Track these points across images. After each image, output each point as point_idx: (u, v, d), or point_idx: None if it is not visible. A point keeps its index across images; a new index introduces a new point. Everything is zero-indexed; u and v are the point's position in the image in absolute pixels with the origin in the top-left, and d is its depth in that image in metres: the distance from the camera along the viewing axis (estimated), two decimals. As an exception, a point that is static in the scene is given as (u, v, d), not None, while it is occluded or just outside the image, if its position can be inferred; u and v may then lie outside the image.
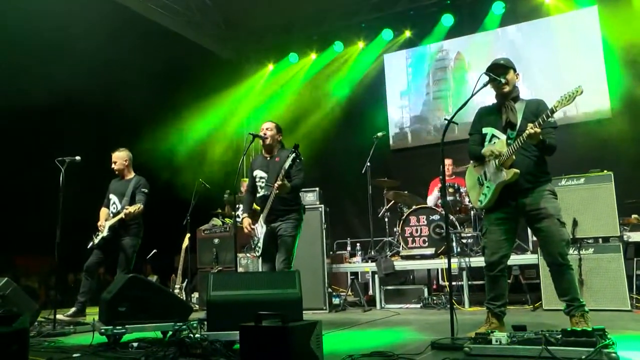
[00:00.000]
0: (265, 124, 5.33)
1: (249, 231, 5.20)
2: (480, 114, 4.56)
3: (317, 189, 7.58)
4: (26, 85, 7.83)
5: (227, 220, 8.82)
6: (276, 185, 4.82)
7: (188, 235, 8.37)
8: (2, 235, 7.51)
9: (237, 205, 8.64)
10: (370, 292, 7.99)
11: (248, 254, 7.67)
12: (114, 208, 6.38)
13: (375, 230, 8.22)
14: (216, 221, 8.84)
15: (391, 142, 10.94)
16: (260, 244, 5.10)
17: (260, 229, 5.12)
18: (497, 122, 4.37)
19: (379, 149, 8.38)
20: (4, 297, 4.78)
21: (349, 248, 8.80)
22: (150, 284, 5.04)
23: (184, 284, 8.26)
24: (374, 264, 7.52)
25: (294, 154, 4.75)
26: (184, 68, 9.97)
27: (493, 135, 4.39)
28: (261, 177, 5.24)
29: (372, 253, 8.01)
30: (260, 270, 5.49)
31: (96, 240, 6.26)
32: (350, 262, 8.21)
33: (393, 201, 8.51)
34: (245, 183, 7.75)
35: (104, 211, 6.49)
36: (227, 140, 11.56)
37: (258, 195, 5.21)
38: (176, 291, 8.01)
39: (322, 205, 7.38)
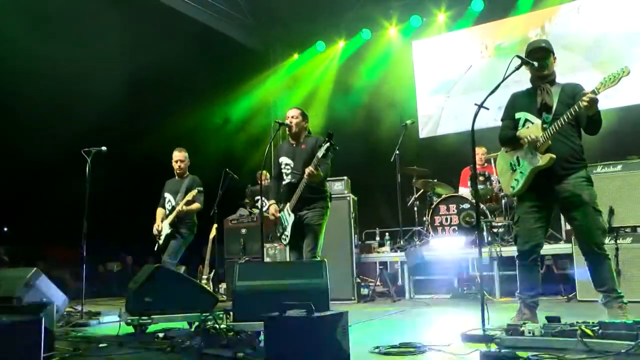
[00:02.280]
0: (290, 111, 5.29)
1: (275, 218, 5.18)
2: (514, 99, 4.43)
3: (345, 177, 7.54)
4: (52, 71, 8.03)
5: (254, 210, 8.89)
6: (307, 171, 4.78)
7: (215, 225, 8.42)
8: (32, 225, 7.63)
9: (256, 198, 8.76)
10: (399, 283, 7.95)
11: (275, 244, 7.69)
12: (169, 206, 6.49)
13: (405, 220, 8.14)
14: (243, 211, 8.92)
15: (420, 129, 10.81)
16: (288, 232, 5.07)
17: (288, 217, 5.09)
18: (532, 106, 4.23)
19: (407, 137, 8.29)
20: (33, 287, 4.81)
21: (377, 238, 8.87)
22: (176, 275, 5.05)
23: (211, 274, 8.29)
24: (403, 253, 7.48)
25: (328, 143, 4.73)
26: (208, 59, 10.06)
27: (527, 120, 4.26)
28: (287, 164, 5.21)
29: (401, 242, 8.01)
30: (288, 259, 5.53)
31: (161, 241, 6.38)
32: (379, 252, 8.19)
33: (422, 190, 8.44)
34: (264, 176, 7.95)
35: (160, 211, 6.59)
36: (254, 129, 11.54)
37: (283, 182, 5.21)
38: (203, 281, 8.00)
39: (351, 194, 7.35)
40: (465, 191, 8.17)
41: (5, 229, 11.46)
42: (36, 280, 4.82)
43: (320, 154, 4.74)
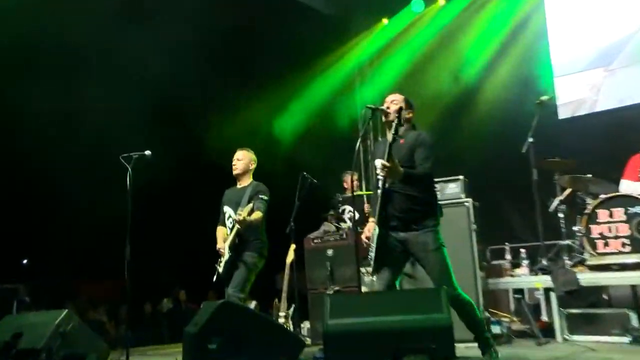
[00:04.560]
0: (390, 95, 5.39)
1: (366, 242, 5.25)
2: None
3: (462, 177, 7.50)
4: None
5: (343, 224, 8.89)
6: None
7: (293, 246, 8.39)
8: (58, 255, 7.83)
9: (341, 208, 9.02)
10: (545, 318, 7.81)
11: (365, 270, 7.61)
12: (230, 222, 6.65)
13: (546, 231, 7.90)
14: (329, 226, 8.90)
15: (560, 108, 10.43)
16: (372, 255, 5.12)
17: (375, 235, 5.13)
18: None
19: (544, 118, 8.08)
20: (64, 335, 4.84)
21: (509, 256, 8.54)
22: (247, 312, 5.16)
23: (291, 311, 8.31)
24: (547, 277, 7.34)
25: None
26: (275, 30, 10.29)
27: None
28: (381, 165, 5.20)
29: (544, 262, 7.72)
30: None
31: (221, 269, 6.52)
32: (512, 275, 8.03)
33: (570, 189, 8.18)
34: (348, 178, 8.17)
35: (220, 230, 6.78)
36: (335, 118, 11.64)
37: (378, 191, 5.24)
38: (281, 320, 8.11)
39: (470, 199, 7.32)
40: (635, 187, 7.72)
41: (25, 261, 11.72)
42: (68, 325, 4.85)
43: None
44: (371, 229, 5.22)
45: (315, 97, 11.29)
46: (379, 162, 5.07)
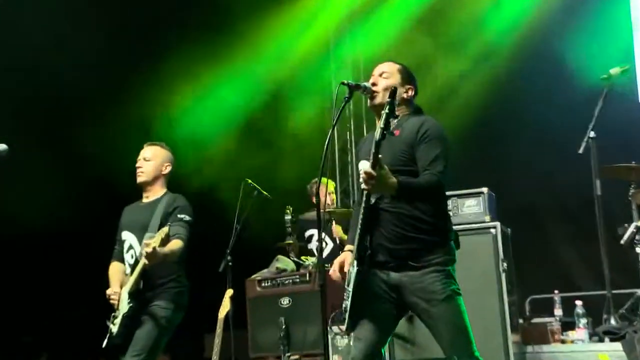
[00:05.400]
0: (380, 65, 5.02)
1: (338, 279, 4.81)
2: None
3: (485, 189, 6.94)
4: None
5: (305, 259, 8.25)
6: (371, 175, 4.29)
7: (230, 292, 7.31)
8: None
9: (307, 233, 8.74)
10: None
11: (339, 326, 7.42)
12: (131, 256, 6.06)
13: (616, 274, 7.37)
14: (284, 262, 8.21)
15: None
16: (347, 302, 4.68)
17: (352, 271, 4.63)
18: None
19: (614, 103, 7.47)
20: None
21: (558, 309, 7.83)
22: None
23: (225, 394, 7.88)
24: (618, 345, 6.66)
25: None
26: None
27: None
28: None
29: (612, 322, 7.12)
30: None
31: (115, 328, 5.85)
32: (564, 341, 7.32)
33: None
34: (326, 190, 7.83)
35: (115, 269, 6.19)
36: (299, 96, 10.58)
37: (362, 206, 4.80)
38: None
39: (498, 223, 6.76)
40: None
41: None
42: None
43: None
44: (346, 264, 4.76)
45: (259, 70, 10.45)
46: (361, 167, 4.62)
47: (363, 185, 4.41)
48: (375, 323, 4.60)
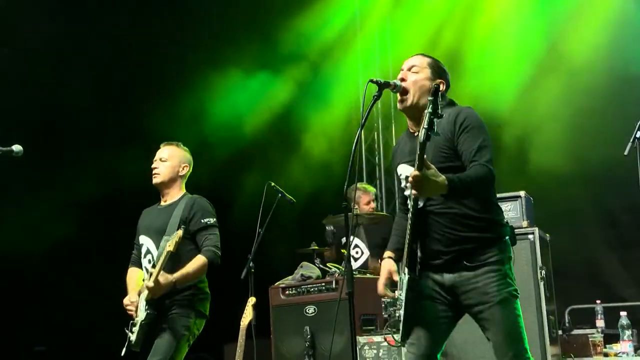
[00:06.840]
0: (409, 59, 4.98)
1: (382, 291, 4.83)
2: None
3: (523, 193, 6.96)
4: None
5: (333, 266, 8.01)
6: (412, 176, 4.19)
7: (252, 300, 7.36)
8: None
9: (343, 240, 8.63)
10: None
11: (384, 335, 7.19)
12: (148, 262, 6.05)
13: None
14: (309, 268, 8.04)
15: None
16: (401, 312, 4.60)
17: (404, 279, 4.62)
18: None
19: None
20: None
21: (600, 322, 7.74)
22: None
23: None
24: None
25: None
26: None
27: None
28: (408, 177, 4.69)
29: None
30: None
31: (133, 336, 5.83)
32: (607, 355, 7.29)
33: None
34: (362, 196, 8.19)
35: (133, 275, 6.21)
36: (327, 101, 10.45)
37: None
38: None
39: (536, 229, 6.82)
40: None
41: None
42: None
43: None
44: (390, 272, 4.80)
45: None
46: (404, 171, 4.82)
47: (408, 191, 4.46)
48: (430, 328, 4.58)
